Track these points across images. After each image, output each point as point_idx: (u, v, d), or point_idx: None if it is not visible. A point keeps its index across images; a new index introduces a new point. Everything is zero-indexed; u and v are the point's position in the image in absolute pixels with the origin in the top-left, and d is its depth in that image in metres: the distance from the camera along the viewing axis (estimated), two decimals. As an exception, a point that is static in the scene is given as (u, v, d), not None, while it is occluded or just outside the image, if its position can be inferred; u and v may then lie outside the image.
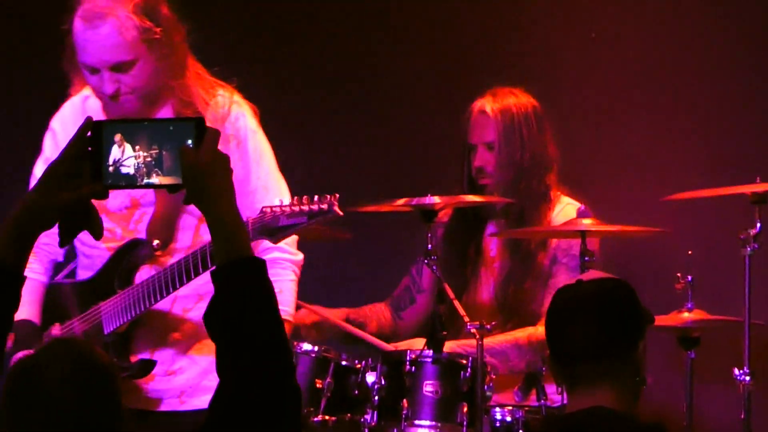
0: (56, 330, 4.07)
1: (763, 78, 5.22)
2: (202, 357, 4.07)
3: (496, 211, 4.73)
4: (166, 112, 4.02)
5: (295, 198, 3.91)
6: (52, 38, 4.16)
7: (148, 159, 2.48)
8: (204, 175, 2.46)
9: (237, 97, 4.15)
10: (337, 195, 3.86)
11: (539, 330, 4.50)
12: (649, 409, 3.44)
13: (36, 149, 4.26)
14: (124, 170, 2.48)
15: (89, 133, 2.47)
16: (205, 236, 4.02)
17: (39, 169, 4.13)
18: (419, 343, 4.40)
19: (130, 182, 2.49)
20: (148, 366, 4.10)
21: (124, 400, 3.55)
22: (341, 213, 3.85)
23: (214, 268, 2.47)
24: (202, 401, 4.02)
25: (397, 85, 5.52)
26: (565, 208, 4.61)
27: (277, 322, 2.43)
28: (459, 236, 4.75)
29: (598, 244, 4.61)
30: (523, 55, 5.33)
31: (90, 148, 2.47)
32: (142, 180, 2.47)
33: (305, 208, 3.84)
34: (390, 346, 4.65)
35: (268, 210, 3.86)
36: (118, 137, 2.47)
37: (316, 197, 3.86)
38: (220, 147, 2.49)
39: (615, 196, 4.94)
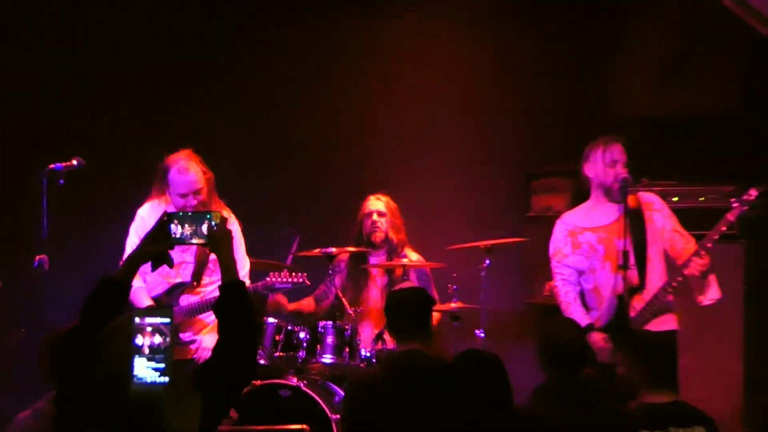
0: None
1: (503, 186, 6.58)
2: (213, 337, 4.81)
3: (374, 252, 5.98)
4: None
5: (285, 271, 5.18)
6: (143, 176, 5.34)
7: (192, 230, 3.18)
8: (219, 240, 3.18)
9: (232, 214, 5.22)
10: (306, 273, 5.18)
11: None
12: (436, 350, 4.36)
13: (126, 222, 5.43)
14: (178, 235, 3.24)
15: (165, 219, 3.26)
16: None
17: (132, 233, 5.32)
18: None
19: (182, 242, 3.24)
20: (190, 342, 5.41)
21: (176, 355, 3.75)
22: (309, 284, 5.21)
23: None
24: (207, 353, 4.74)
25: (306, 182, 6.85)
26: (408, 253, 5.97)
27: (250, 315, 2.97)
28: (355, 265, 6.10)
29: (429, 270, 5.88)
30: (384, 163, 6.59)
31: (165, 226, 3.22)
32: (189, 240, 3.24)
33: (291, 280, 5.15)
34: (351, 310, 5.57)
35: (269, 279, 5.15)
36: (176, 221, 3.22)
37: (295, 273, 5.17)
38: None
39: (428, 246, 5.94)
